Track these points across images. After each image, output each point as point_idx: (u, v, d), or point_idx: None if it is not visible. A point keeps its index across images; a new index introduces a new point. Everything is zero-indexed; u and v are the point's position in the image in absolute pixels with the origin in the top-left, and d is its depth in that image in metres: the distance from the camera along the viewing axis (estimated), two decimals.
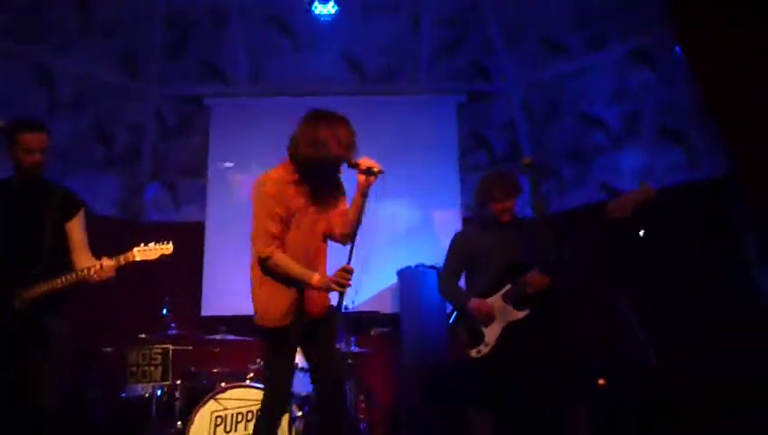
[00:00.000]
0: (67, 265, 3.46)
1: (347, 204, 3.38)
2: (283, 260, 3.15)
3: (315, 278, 3.12)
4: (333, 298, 3.26)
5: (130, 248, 3.48)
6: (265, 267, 3.19)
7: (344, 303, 3.25)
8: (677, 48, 5.23)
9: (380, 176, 3.19)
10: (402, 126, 6.45)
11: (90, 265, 3.40)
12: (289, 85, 6.75)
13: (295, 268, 3.14)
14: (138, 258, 3.46)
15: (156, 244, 3.51)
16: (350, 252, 3.16)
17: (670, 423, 4.41)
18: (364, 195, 3.20)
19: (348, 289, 3.09)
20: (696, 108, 5.48)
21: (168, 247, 3.53)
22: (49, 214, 3.46)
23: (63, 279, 3.36)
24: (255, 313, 3.27)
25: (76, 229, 3.55)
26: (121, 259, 3.43)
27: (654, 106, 5.92)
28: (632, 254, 5.36)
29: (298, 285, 3.15)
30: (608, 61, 6.12)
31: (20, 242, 3.40)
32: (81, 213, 3.59)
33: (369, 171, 3.17)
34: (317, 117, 3.33)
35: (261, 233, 3.18)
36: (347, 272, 3.07)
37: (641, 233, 4.97)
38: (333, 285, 3.09)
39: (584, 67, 6.24)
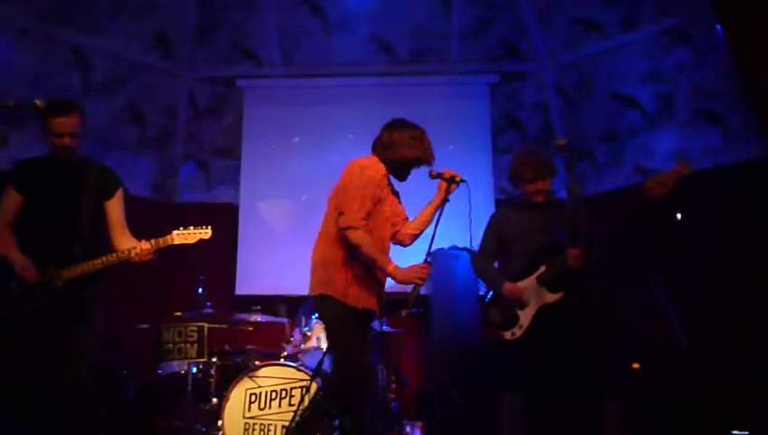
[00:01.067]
0: (106, 244, 3.50)
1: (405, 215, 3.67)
2: (366, 238, 3.30)
3: (391, 267, 3.29)
4: None
5: (167, 229, 3.51)
6: (346, 237, 3.31)
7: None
8: (718, 27, 5.11)
9: (462, 184, 3.46)
10: (434, 107, 6.41)
11: (130, 245, 3.43)
12: (320, 67, 6.76)
13: (375, 251, 3.31)
14: (176, 242, 3.49)
15: (194, 228, 3.54)
16: (429, 249, 3.36)
17: (704, 412, 4.37)
18: (446, 200, 3.48)
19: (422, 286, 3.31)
20: (733, 89, 5.37)
21: (206, 232, 3.55)
22: (87, 192, 3.48)
23: (103, 259, 3.40)
24: (337, 291, 3.33)
25: (115, 208, 3.57)
26: (161, 242, 3.45)
27: (690, 86, 5.81)
28: (669, 237, 5.31)
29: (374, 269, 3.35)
30: (642, 40, 6.00)
31: (59, 221, 3.43)
32: (120, 192, 3.61)
33: (452, 180, 3.45)
34: (402, 123, 3.59)
35: (356, 208, 3.32)
36: (426, 269, 3.29)
37: (678, 216, 4.91)
38: (416, 280, 3.28)
39: (618, 46, 6.13)
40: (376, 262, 3.29)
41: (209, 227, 3.57)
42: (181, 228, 3.51)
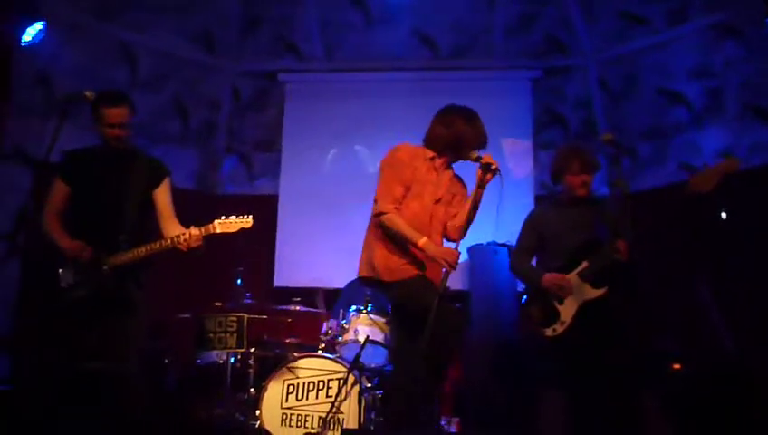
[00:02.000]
0: (151, 232, 3.56)
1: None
2: (396, 219, 3.40)
3: (423, 241, 3.35)
4: None
5: (209, 220, 3.54)
6: (381, 223, 3.44)
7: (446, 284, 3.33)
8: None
9: (497, 175, 3.36)
10: (475, 102, 6.30)
11: (178, 232, 3.49)
12: (362, 61, 6.75)
13: (406, 229, 3.39)
14: (218, 230, 3.51)
15: (236, 217, 3.57)
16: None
17: (746, 412, 4.27)
18: (480, 187, 3.38)
19: (452, 271, 3.27)
20: None
21: (247, 221, 3.57)
22: (135, 182, 3.57)
23: (149, 247, 3.46)
24: (375, 269, 3.45)
25: (163, 197, 3.65)
26: (203, 231, 3.49)
27: (739, 82, 5.68)
28: (713, 235, 5.20)
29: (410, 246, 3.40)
30: (691, 34, 5.87)
31: (107, 209, 3.51)
32: (167, 181, 3.69)
33: (486, 167, 3.35)
34: (453, 108, 3.64)
35: (384, 192, 3.46)
36: (456, 254, 3.29)
37: (723, 215, 4.81)
38: (441, 260, 3.30)
39: (666, 41, 6.00)
40: (408, 239, 3.38)
41: (250, 216, 3.61)
42: (223, 217, 3.55)
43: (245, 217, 3.58)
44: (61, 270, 3.47)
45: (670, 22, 5.93)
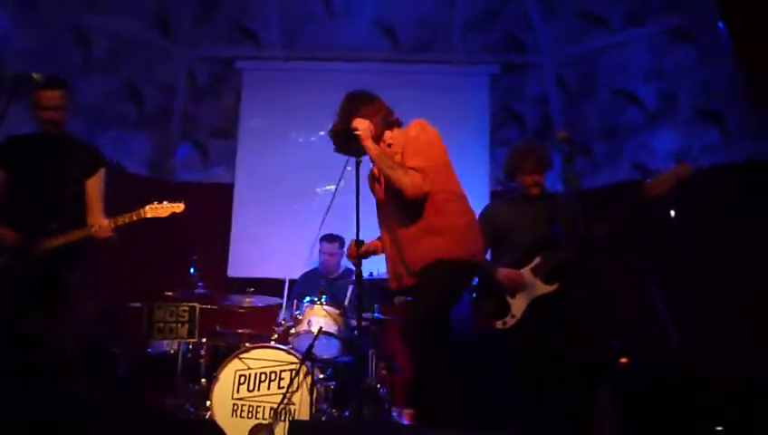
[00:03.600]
0: (84, 219, 3.60)
1: None
2: None
3: None
4: None
5: None
6: None
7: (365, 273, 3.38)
8: (720, 25, 5.10)
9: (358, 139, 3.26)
10: (434, 96, 6.40)
11: (96, 222, 3.53)
12: (322, 51, 6.71)
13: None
14: (149, 215, 3.64)
15: (167, 202, 3.68)
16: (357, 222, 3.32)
17: (691, 407, 4.38)
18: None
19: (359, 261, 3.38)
20: (735, 88, 5.36)
21: (178, 206, 3.71)
22: (72, 169, 3.59)
23: (67, 236, 3.49)
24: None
25: (94, 186, 3.69)
26: (134, 216, 3.59)
27: (691, 85, 5.80)
28: (662, 234, 5.31)
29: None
30: (647, 36, 5.99)
31: (41, 194, 3.54)
32: (102, 171, 3.73)
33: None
34: None
35: None
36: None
37: (672, 213, 4.92)
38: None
39: (622, 42, 6.11)
40: None
41: (182, 201, 3.73)
42: (155, 202, 3.64)
43: (177, 202, 3.72)
44: None
45: (627, 23, 6.03)
